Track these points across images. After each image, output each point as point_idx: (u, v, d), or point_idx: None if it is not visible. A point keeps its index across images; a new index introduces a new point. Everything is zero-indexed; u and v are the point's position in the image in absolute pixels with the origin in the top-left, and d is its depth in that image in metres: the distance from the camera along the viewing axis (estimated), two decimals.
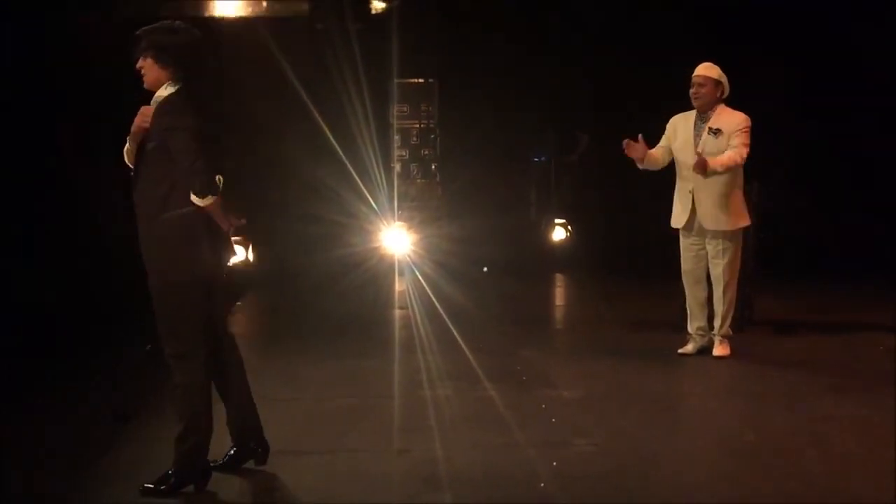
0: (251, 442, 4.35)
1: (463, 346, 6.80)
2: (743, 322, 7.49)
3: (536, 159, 13.03)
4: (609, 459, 4.59)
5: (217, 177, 4.06)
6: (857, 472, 4.41)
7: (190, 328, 4.08)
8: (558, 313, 10.00)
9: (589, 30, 11.36)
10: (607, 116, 11.26)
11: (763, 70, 10.14)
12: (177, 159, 3.96)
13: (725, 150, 6.45)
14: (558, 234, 12.33)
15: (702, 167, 6.40)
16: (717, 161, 6.43)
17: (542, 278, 11.30)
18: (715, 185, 6.49)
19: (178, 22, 4.19)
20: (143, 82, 4.12)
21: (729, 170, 6.45)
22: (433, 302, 8.30)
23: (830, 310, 8.66)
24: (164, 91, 4.08)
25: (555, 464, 4.46)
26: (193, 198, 3.97)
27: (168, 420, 4.27)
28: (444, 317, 7.70)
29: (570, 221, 12.38)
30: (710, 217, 6.56)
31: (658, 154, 6.62)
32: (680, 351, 6.77)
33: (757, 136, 6.52)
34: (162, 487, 4.06)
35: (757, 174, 7.03)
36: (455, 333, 7.14)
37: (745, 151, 6.45)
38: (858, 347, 7.13)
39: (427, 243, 10.25)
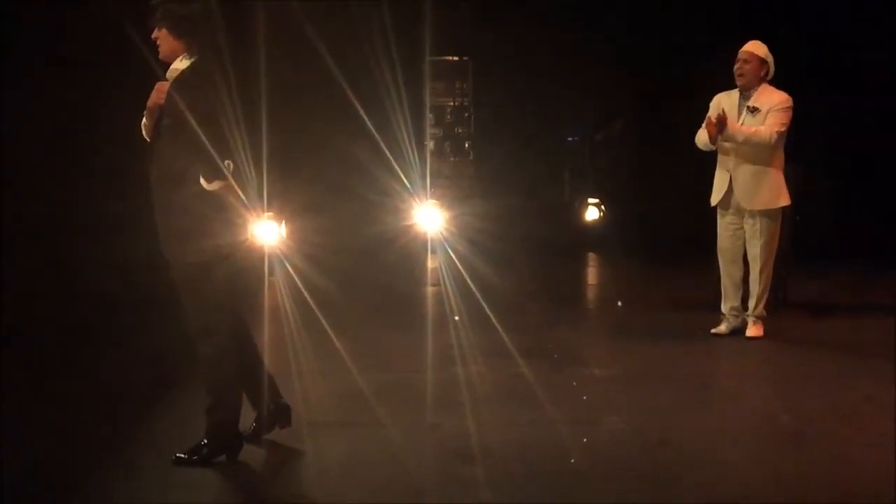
0: (271, 405, 4.37)
1: (495, 323, 6.81)
2: (777, 304, 7.43)
3: (571, 139, 12.98)
4: (640, 437, 4.58)
5: (227, 161, 4.01)
6: (892, 452, 4.37)
7: (213, 301, 4.09)
8: (591, 292, 9.99)
9: (627, 8, 11.25)
10: (644, 96, 11.20)
11: (801, 52, 10.02)
12: (188, 141, 3.95)
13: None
14: (592, 213, 12.28)
15: (719, 124, 6.31)
16: (739, 128, 6.35)
17: (575, 257, 11.27)
18: (753, 163, 6.43)
19: None
20: (158, 53, 4.10)
21: (750, 141, 6.36)
22: (465, 279, 8.31)
23: (865, 292, 8.59)
24: (180, 64, 4.06)
25: (585, 440, 4.47)
26: (202, 181, 3.97)
27: (199, 392, 4.31)
28: (477, 294, 7.70)
29: (603, 201, 12.33)
30: (747, 196, 6.50)
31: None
32: (713, 331, 6.74)
33: (796, 117, 6.44)
34: (195, 458, 4.10)
35: (795, 156, 6.95)
36: (487, 310, 7.14)
37: (777, 130, 6.35)
38: (893, 329, 7.04)
39: (460, 221, 10.26)
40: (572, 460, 4.22)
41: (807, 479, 4.09)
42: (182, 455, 4.12)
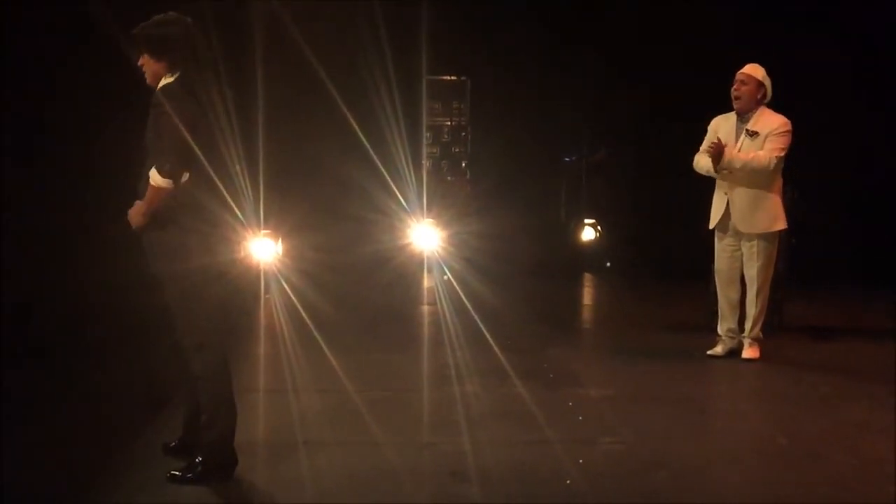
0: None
1: (491, 342, 6.80)
2: (773, 326, 7.44)
3: (567, 159, 13.01)
4: (636, 458, 4.57)
5: (185, 172, 4.00)
6: (887, 477, 4.37)
7: (205, 318, 4.09)
8: (586, 313, 9.98)
9: (625, 30, 11.29)
10: (642, 119, 11.22)
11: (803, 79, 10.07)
12: (158, 139, 3.97)
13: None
14: (588, 234, 12.29)
15: (717, 151, 6.34)
16: (737, 154, 6.37)
17: (570, 278, 11.28)
18: (750, 187, 6.45)
19: (170, 13, 4.18)
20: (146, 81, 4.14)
21: (748, 167, 6.37)
22: (461, 299, 8.31)
23: (862, 316, 8.60)
24: (164, 81, 4.10)
25: (581, 461, 4.46)
26: (152, 173, 3.95)
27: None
28: (473, 313, 7.70)
29: (599, 222, 12.34)
30: (744, 219, 6.52)
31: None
32: (709, 352, 6.74)
33: (795, 142, 6.45)
34: (189, 475, 4.09)
35: (791, 180, 6.97)
36: (483, 330, 7.13)
37: (776, 155, 6.37)
38: (890, 354, 7.05)
39: (456, 240, 10.27)
40: (568, 481, 4.21)
41: (800, 500, 4.08)
42: (176, 472, 4.11)
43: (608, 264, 11.85)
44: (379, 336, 7.47)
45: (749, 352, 6.64)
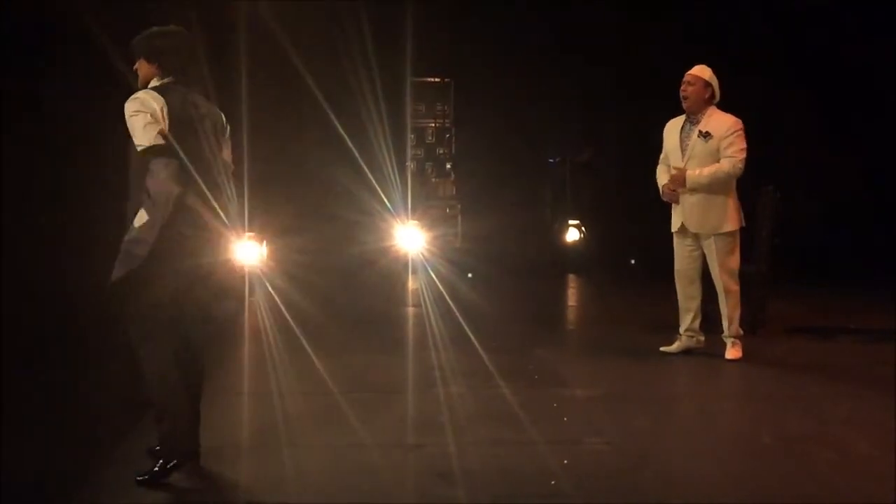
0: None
1: (476, 343, 6.81)
2: (756, 325, 7.47)
3: (552, 160, 13.03)
4: (621, 458, 4.59)
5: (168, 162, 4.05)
6: (871, 475, 4.39)
7: (151, 311, 4.08)
8: (571, 313, 10.01)
9: (607, 30, 11.33)
10: (625, 118, 11.25)
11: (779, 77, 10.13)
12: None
13: (716, 153, 6.41)
14: (572, 235, 12.32)
15: (678, 183, 6.41)
16: (700, 174, 6.40)
17: (555, 278, 11.30)
18: (701, 189, 6.47)
19: (171, 25, 4.33)
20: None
21: (716, 179, 6.39)
22: (446, 300, 8.32)
23: (845, 314, 8.64)
24: (154, 83, 4.20)
25: (566, 461, 4.47)
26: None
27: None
28: (457, 315, 7.71)
29: (584, 223, 12.37)
30: (695, 221, 6.54)
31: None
32: (662, 349, 6.75)
33: (772, 141, 6.49)
34: (154, 470, 4.08)
35: (772, 178, 7.01)
36: (468, 331, 7.15)
37: (739, 159, 6.38)
38: (873, 352, 7.10)
39: (441, 242, 10.27)
40: (553, 481, 4.22)
41: (787, 501, 4.11)
42: (142, 476, 4.09)
43: (633, 262, 11.84)
44: (364, 338, 7.47)
45: (731, 352, 6.66)
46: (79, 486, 4.12)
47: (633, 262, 11.90)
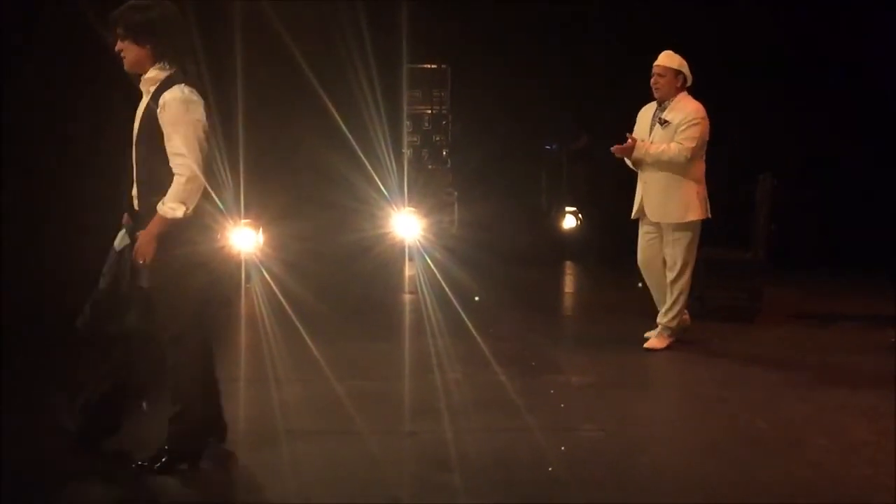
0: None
1: (472, 330, 6.81)
2: (753, 312, 7.48)
3: (548, 147, 12.99)
4: (617, 445, 4.60)
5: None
6: (866, 460, 4.41)
7: (187, 310, 4.05)
8: (567, 300, 10.00)
9: (603, 17, 11.30)
10: (619, 106, 11.21)
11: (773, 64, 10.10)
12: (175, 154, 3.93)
13: (672, 139, 6.38)
14: (569, 222, 12.29)
15: (626, 151, 6.37)
16: (647, 147, 6.37)
17: (551, 266, 11.29)
18: (661, 177, 6.43)
19: None
20: (123, 64, 4.06)
21: (660, 160, 6.35)
22: (443, 287, 8.30)
23: (842, 301, 8.64)
24: (156, 74, 4.01)
25: (563, 448, 4.47)
26: (163, 208, 3.95)
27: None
28: (454, 302, 7.70)
29: (580, 210, 12.35)
30: (656, 209, 6.51)
31: None
32: (647, 335, 6.72)
33: (766, 127, 6.46)
34: (155, 465, 4.07)
35: (769, 165, 7.00)
36: (465, 318, 7.14)
37: (688, 146, 6.31)
38: (870, 338, 7.11)
39: (437, 229, 10.25)
40: (550, 468, 4.23)
41: (782, 487, 4.12)
42: (143, 462, 4.08)
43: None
44: (360, 325, 7.46)
45: (653, 341, 6.57)
46: (68, 477, 4.12)
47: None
